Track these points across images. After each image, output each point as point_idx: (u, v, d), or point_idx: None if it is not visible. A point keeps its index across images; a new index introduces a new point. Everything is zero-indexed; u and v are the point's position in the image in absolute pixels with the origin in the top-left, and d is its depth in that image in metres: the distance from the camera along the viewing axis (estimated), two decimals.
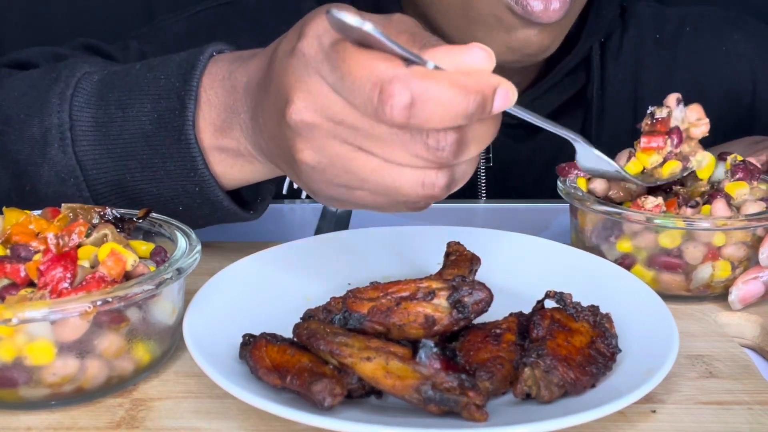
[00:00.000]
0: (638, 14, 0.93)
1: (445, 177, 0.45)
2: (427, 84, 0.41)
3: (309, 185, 0.49)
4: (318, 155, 0.46)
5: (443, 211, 0.84)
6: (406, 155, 0.44)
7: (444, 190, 0.46)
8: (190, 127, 0.56)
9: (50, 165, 0.59)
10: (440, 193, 0.46)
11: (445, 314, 0.46)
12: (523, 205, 0.84)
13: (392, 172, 0.45)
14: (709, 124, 0.61)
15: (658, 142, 0.60)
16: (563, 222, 0.68)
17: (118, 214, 0.53)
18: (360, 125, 0.44)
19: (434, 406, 0.42)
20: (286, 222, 0.80)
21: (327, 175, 0.47)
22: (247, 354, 0.46)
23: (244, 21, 0.89)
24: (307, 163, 0.47)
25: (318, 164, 0.47)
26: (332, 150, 0.46)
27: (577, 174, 0.64)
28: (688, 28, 0.93)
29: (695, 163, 0.61)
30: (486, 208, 0.84)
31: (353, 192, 0.48)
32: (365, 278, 0.56)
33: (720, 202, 0.58)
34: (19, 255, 0.47)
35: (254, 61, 0.54)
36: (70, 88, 0.59)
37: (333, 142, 0.46)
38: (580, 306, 0.50)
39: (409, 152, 0.44)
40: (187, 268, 0.49)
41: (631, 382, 0.44)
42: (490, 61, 0.43)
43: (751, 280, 0.58)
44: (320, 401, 0.42)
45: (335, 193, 0.48)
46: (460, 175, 0.47)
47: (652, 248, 0.59)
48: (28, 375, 0.45)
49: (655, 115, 0.61)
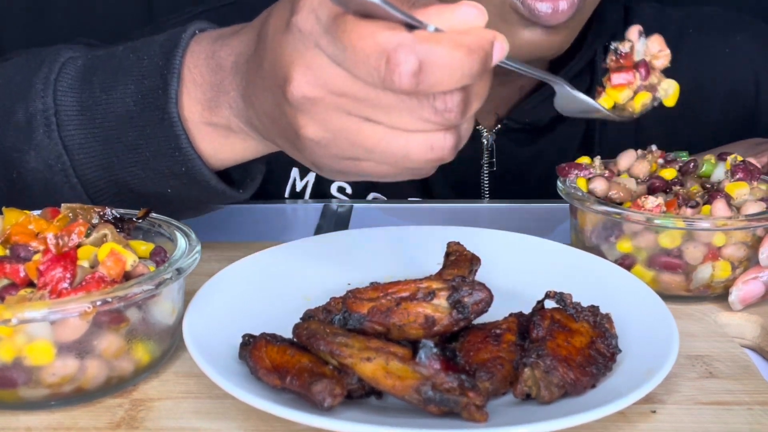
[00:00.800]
0: (641, 15, 0.93)
1: (453, 138, 0.45)
2: (431, 48, 0.41)
3: (314, 161, 0.49)
4: (322, 130, 0.46)
5: (443, 211, 0.84)
6: (414, 121, 0.44)
7: (452, 152, 0.46)
8: (174, 105, 0.56)
9: (36, 151, 0.59)
10: (449, 155, 0.46)
11: (445, 314, 0.46)
12: (524, 206, 0.84)
13: (400, 139, 0.45)
14: (670, 55, 0.62)
15: (628, 78, 0.60)
16: (563, 222, 0.68)
17: (117, 215, 0.53)
18: (364, 95, 0.44)
19: (434, 406, 0.42)
20: (286, 222, 0.80)
21: (332, 149, 0.47)
22: (247, 354, 0.46)
23: (246, 22, 0.89)
24: (312, 139, 0.47)
25: (323, 139, 0.47)
26: (337, 123, 0.46)
27: (577, 174, 0.64)
28: (691, 29, 0.92)
29: (662, 92, 0.61)
30: (486, 208, 0.84)
31: (359, 163, 0.47)
32: (365, 278, 0.56)
33: (720, 202, 0.58)
34: (19, 255, 0.47)
35: (239, 38, 0.54)
36: (54, 73, 0.59)
37: (337, 115, 0.45)
38: (580, 306, 0.50)
39: (416, 117, 0.44)
40: (187, 268, 0.49)
41: (631, 382, 0.44)
42: (482, 16, 0.43)
43: (751, 281, 0.58)
44: (320, 401, 0.41)
45: (341, 167, 0.48)
46: (464, 133, 0.47)
47: (652, 248, 0.59)
48: (27, 375, 0.45)
49: (619, 49, 0.60)
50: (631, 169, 0.64)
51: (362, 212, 0.82)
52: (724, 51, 0.91)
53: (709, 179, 0.63)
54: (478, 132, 0.88)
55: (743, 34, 0.92)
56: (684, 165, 0.64)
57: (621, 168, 0.64)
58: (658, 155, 0.65)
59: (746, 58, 0.92)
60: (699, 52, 0.92)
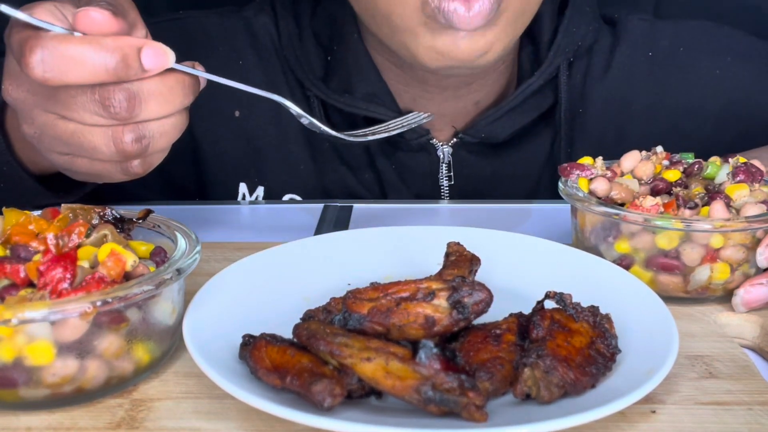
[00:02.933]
0: (631, 30, 0.89)
1: (132, 132, 0.52)
2: (56, 43, 0.49)
3: (47, 158, 0.57)
4: (32, 126, 0.54)
5: (444, 211, 0.85)
6: (90, 115, 0.51)
7: (136, 146, 0.52)
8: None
9: None
10: (134, 149, 0.52)
11: (445, 315, 0.46)
12: (525, 206, 0.84)
13: (85, 132, 0.52)
14: None
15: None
16: (565, 223, 0.68)
17: (118, 215, 0.54)
18: (47, 94, 0.52)
19: (434, 406, 0.42)
20: (286, 222, 0.80)
21: (44, 143, 0.55)
22: (247, 354, 0.46)
23: (190, 37, 0.90)
24: (30, 135, 0.55)
25: (35, 134, 0.55)
26: (39, 119, 0.53)
27: (579, 174, 0.64)
28: (682, 48, 0.90)
29: None
30: (486, 208, 0.84)
31: (75, 160, 0.55)
32: (365, 278, 0.56)
33: (718, 203, 0.58)
34: (19, 255, 0.47)
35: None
36: None
37: (38, 112, 0.53)
38: (579, 306, 0.50)
39: (90, 112, 0.51)
40: (187, 269, 0.49)
41: (631, 382, 0.44)
42: (112, 21, 0.50)
43: (759, 285, 0.57)
44: (320, 401, 0.42)
45: (62, 162, 0.56)
46: (151, 132, 0.53)
47: (650, 249, 0.59)
48: (27, 375, 0.45)
49: None
50: (634, 171, 0.63)
51: (362, 212, 0.82)
52: (714, 72, 0.89)
53: (713, 181, 0.63)
54: (433, 146, 0.87)
55: (734, 55, 0.90)
56: (689, 167, 0.63)
57: (624, 169, 0.64)
58: (663, 157, 0.65)
59: (736, 79, 0.90)
60: (690, 72, 0.90)
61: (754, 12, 1.17)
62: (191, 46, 0.87)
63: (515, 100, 0.84)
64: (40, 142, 0.55)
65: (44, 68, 0.49)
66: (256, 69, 0.88)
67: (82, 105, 0.51)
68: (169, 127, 0.54)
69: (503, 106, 0.84)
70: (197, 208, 0.84)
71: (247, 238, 0.73)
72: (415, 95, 0.85)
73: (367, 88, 0.83)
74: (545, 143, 0.89)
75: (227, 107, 0.88)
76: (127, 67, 0.50)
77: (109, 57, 0.49)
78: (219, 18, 0.90)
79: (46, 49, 0.48)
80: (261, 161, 0.89)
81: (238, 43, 0.89)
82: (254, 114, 0.88)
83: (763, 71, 0.91)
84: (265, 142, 0.89)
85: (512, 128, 0.86)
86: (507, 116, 0.85)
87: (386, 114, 0.82)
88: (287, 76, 0.88)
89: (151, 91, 0.51)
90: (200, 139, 0.89)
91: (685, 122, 0.90)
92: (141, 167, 0.55)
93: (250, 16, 0.89)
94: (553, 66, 0.84)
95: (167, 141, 0.54)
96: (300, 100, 0.87)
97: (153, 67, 0.51)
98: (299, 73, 0.86)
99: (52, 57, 0.48)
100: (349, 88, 0.84)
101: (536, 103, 0.86)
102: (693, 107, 0.89)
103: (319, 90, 0.84)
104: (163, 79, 0.52)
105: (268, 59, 0.88)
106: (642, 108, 0.89)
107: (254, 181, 0.90)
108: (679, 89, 0.90)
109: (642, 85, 0.89)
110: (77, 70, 0.49)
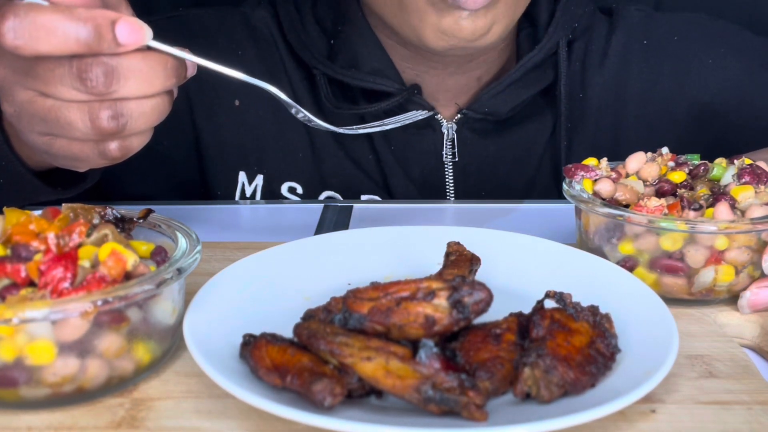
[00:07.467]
0: (627, 18, 0.92)
1: (109, 109, 0.51)
2: (27, 10, 0.48)
3: (28, 140, 0.56)
4: (12, 105, 0.53)
5: (444, 211, 0.85)
6: (66, 89, 0.50)
7: (112, 123, 0.51)
8: None
9: None
10: (110, 126, 0.51)
11: (445, 314, 0.46)
12: (526, 206, 0.84)
13: (63, 108, 0.51)
14: None
15: None
16: (569, 223, 0.68)
17: (118, 214, 0.54)
18: (26, 69, 0.51)
19: (434, 405, 0.42)
20: (286, 222, 0.80)
21: (23, 122, 0.54)
22: (248, 354, 0.46)
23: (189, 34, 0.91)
24: (9, 113, 0.54)
25: (14, 113, 0.54)
26: (19, 97, 0.52)
27: (583, 175, 0.63)
28: (677, 37, 0.92)
29: None
30: (486, 208, 0.84)
31: (54, 141, 0.54)
32: (365, 278, 0.56)
33: (723, 205, 0.57)
34: (20, 255, 0.47)
35: None
36: None
37: (18, 89, 0.52)
38: (579, 306, 0.50)
39: (67, 86, 0.50)
40: (188, 268, 0.49)
41: (631, 382, 0.44)
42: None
43: (766, 288, 0.57)
44: (320, 401, 0.42)
45: (41, 144, 0.55)
46: (129, 111, 0.51)
47: (654, 251, 0.58)
48: (28, 375, 0.45)
49: None
50: (640, 172, 0.63)
51: (362, 212, 0.82)
52: (707, 62, 0.91)
53: (719, 183, 0.62)
54: (438, 122, 0.88)
55: (727, 47, 0.92)
56: (694, 168, 0.63)
57: (630, 170, 0.64)
58: (668, 158, 0.65)
59: (729, 71, 0.91)
60: (683, 61, 0.91)
61: (753, 12, 1.17)
62: (190, 39, 0.88)
63: (516, 73, 0.86)
64: (20, 120, 0.54)
65: (15, 35, 0.48)
66: (255, 60, 0.90)
67: (59, 79, 0.50)
68: (148, 108, 0.52)
69: (504, 80, 0.86)
70: (198, 207, 0.84)
71: (248, 238, 0.73)
72: (419, 71, 0.88)
73: (372, 63, 0.85)
74: (547, 124, 0.91)
75: (227, 97, 0.90)
76: (99, 39, 0.48)
77: (81, 27, 0.48)
78: (217, 13, 0.93)
79: (18, 17, 0.48)
80: (260, 150, 0.91)
81: (236, 36, 0.91)
82: (253, 103, 0.90)
83: (754, 65, 0.92)
84: (264, 131, 0.90)
85: (514, 102, 0.88)
86: (508, 90, 0.87)
87: (392, 86, 0.84)
88: (286, 65, 0.90)
89: (131, 68, 0.50)
90: (201, 129, 0.90)
91: (676, 109, 0.91)
92: (119, 151, 0.53)
93: (248, 11, 0.92)
94: (552, 41, 0.87)
95: (146, 123, 0.53)
96: (302, 87, 0.89)
97: (128, 42, 0.49)
98: (304, 54, 0.88)
99: (22, 25, 0.48)
100: (355, 63, 0.86)
101: (536, 78, 0.89)
102: (685, 95, 0.91)
103: (325, 67, 0.86)
104: (144, 58, 0.51)
105: (266, 50, 0.90)
106: (636, 94, 0.91)
107: (254, 170, 0.91)
108: (671, 77, 0.91)
109: (637, 72, 0.91)
110: (48, 39, 0.48)
